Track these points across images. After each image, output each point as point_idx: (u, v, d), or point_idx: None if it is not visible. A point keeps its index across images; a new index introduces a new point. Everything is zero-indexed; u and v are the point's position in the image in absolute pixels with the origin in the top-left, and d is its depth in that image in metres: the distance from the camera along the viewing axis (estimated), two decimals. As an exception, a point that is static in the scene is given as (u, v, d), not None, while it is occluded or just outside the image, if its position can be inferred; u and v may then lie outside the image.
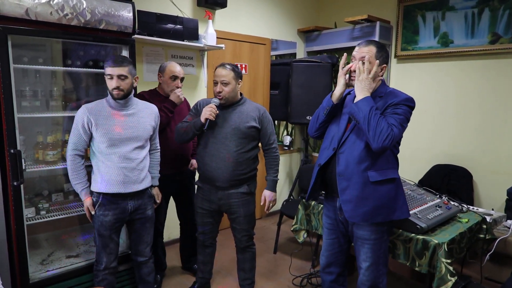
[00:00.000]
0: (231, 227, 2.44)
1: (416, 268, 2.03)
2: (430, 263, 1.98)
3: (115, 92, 2.02)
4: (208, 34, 3.24)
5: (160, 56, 3.21)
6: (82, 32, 2.17)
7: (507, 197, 3.03)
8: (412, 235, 2.04)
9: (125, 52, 2.36)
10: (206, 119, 2.17)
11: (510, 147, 3.21)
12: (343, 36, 4.01)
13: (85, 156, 2.12)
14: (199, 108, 2.33)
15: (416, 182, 3.08)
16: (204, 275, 2.57)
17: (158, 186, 2.36)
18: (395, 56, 3.86)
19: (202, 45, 3.23)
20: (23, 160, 2.03)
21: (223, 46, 3.35)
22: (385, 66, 1.85)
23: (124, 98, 2.07)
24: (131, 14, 2.30)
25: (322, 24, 4.44)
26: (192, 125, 2.24)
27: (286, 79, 4.15)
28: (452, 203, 2.42)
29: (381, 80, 1.88)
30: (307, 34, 4.42)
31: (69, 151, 2.05)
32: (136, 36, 2.55)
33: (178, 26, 3.03)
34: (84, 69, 2.42)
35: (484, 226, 2.33)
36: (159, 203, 2.39)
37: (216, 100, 2.23)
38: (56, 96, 2.41)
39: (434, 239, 1.98)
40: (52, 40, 2.35)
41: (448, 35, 3.47)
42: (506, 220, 2.69)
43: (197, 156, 2.36)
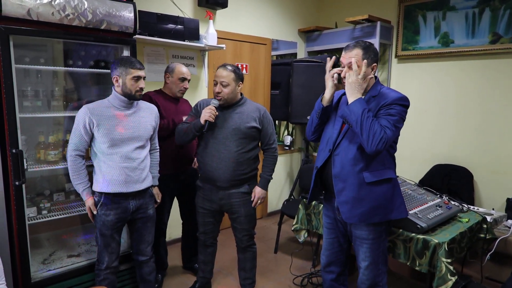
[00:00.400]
0: (232, 226, 2.44)
1: (416, 268, 2.04)
2: (431, 263, 1.98)
3: (138, 93, 2.10)
4: (209, 34, 3.25)
5: (161, 56, 3.22)
6: (83, 33, 2.18)
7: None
8: (413, 234, 2.05)
9: (126, 52, 2.36)
10: (206, 121, 2.18)
11: (510, 147, 3.21)
12: (344, 36, 4.01)
13: (86, 156, 2.13)
14: (199, 108, 2.33)
15: (417, 182, 3.08)
16: (205, 274, 2.58)
17: (162, 186, 2.37)
18: (396, 56, 3.86)
19: (203, 45, 3.23)
20: (24, 160, 2.03)
21: (223, 46, 3.36)
22: (375, 65, 1.83)
23: (141, 98, 2.16)
24: (132, 15, 2.31)
25: (323, 24, 4.45)
26: (192, 126, 2.24)
27: (287, 79, 4.15)
28: (453, 202, 2.42)
29: (374, 79, 1.87)
30: (307, 34, 4.42)
31: (70, 152, 2.05)
32: (137, 36, 2.55)
33: (179, 26, 3.03)
34: (86, 69, 2.43)
35: (485, 226, 2.33)
36: (160, 203, 2.39)
37: (215, 102, 2.23)
38: (57, 96, 2.42)
39: (435, 239, 1.98)
40: (54, 40, 2.36)
41: (449, 35, 3.48)
42: (507, 220, 2.69)
43: (197, 156, 2.36)
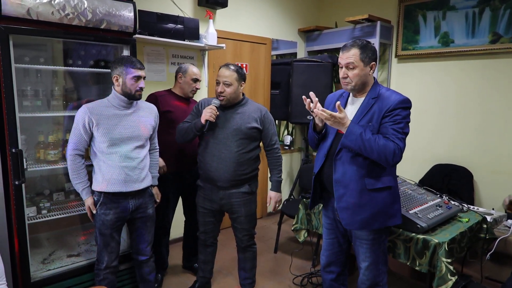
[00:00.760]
0: (232, 226, 2.44)
1: (416, 268, 2.04)
2: (431, 263, 1.98)
3: (138, 92, 2.09)
4: (209, 34, 3.25)
5: (161, 56, 3.22)
6: (83, 32, 2.17)
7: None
8: (413, 234, 2.05)
9: (126, 52, 2.36)
10: (206, 121, 2.17)
11: (510, 147, 3.21)
12: (344, 35, 4.01)
13: (85, 155, 2.12)
14: (200, 108, 2.32)
15: (417, 181, 3.08)
16: (205, 274, 2.57)
17: (167, 184, 2.36)
18: (396, 55, 3.86)
19: (203, 44, 3.23)
20: (24, 160, 2.03)
21: (224, 45, 3.36)
22: (374, 64, 1.82)
23: (141, 97, 2.15)
24: (132, 14, 2.31)
25: (323, 23, 4.44)
26: (192, 125, 2.24)
27: (287, 79, 4.15)
28: (453, 202, 2.42)
29: (373, 78, 1.87)
30: (307, 34, 4.42)
31: (69, 151, 2.05)
32: (137, 35, 2.55)
33: (179, 26, 3.03)
34: (85, 68, 2.42)
35: (485, 226, 2.33)
36: (164, 201, 2.39)
37: (216, 102, 2.22)
38: (57, 96, 2.42)
39: (435, 239, 1.98)
40: (53, 40, 2.36)
41: (449, 34, 3.47)
42: (507, 220, 2.69)
43: (198, 156, 2.36)
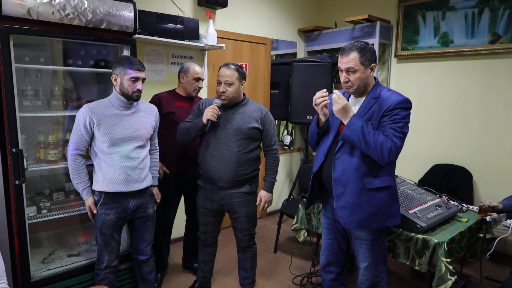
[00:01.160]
0: (232, 226, 2.44)
1: (416, 267, 2.04)
2: (430, 262, 1.99)
3: (136, 94, 2.08)
4: (208, 34, 3.25)
5: (161, 56, 3.22)
6: (83, 32, 2.18)
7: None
8: (412, 234, 2.05)
9: (126, 52, 2.36)
10: (208, 120, 2.18)
11: (510, 147, 3.22)
12: (344, 36, 4.01)
13: (86, 155, 2.13)
14: (201, 108, 2.33)
15: (416, 181, 3.08)
16: (205, 274, 2.58)
17: (169, 184, 2.36)
18: (395, 56, 3.86)
19: (202, 44, 3.23)
20: (24, 159, 2.03)
21: (223, 45, 3.36)
22: (374, 65, 1.82)
23: (139, 99, 2.14)
24: (132, 14, 2.31)
25: (323, 24, 4.45)
26: (194, 125, 2.24)
27: (287, 79, 4.15)
28: (452, 202, 2.43)
29: (373, 79, 1.87)
30: (307, 34, 4.42)
31: (70, 151, 2.06)
32: (137, 35, 2.55)
33: (179, 26, 3.03)
34: (85, 68, 2.43)
35: (484, 226, 2.34)
36: (166, 201, 2.39)
37: (218, 101, 2.22)
38: (57, 96, 2.42)
39: (434, 239, 1.99)
40: (54, 40, 2.36)
41: (448, 35, 3.48)
42: (506, 220, 2.69)
43: (199, 156, 2.36)
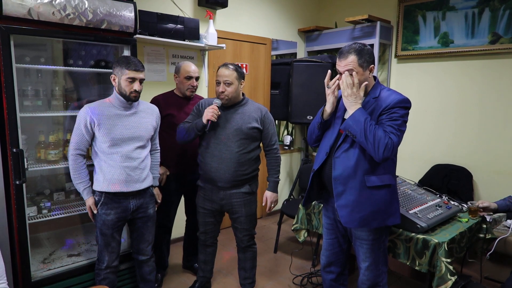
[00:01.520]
0: (232, 226, 2.44)
1: (416, 268, 2.04)
2: (430, 263, 1.99)
3: (133, 95, 2.06)
4: (209, 34, 3.25)
5: (161, 56, 3.22)
6: (84, 32, 2.18)
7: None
8: (413, 234, 2.05)
9: (126, 52, 2.37)
10: (208, 120, 2.18)
11: (510, 147, 3.22)
12: (344, 36, 4.02)
13: (86, 155, 2.13)
14: (201, 108, 2.33)
15: (416, 181, 3.08)
16: (205, 274, 2.58)
17: (170, 184, 2.35)
18: (396, 56, 3.86)
19: (203, 44, 3.23)
20: (25, 159, 2.04)
21: (224, 46, 3.36)
22: (373, 66, 1.82)
23: (137, 100, 2.12)
24: (132, 14, 2.31)
25: (323, 24, 4.45)
26: (194, 125, 2.24)
27: (287, 79, 4.15)
28: (452, 202, 2.43)
29: (373, 79, 1.87)
30: (307, 34, 4.43)
31: (71, 151, 2.06)
32: (137, 36, 2.55)
33: (179, 26, 3.03)
34: (86, 68, 2.43)
35: (484, 226, 2.34)
36: (167, 201, 2.39)
37: (218, 101, 2.22)
38: (57, 96, 2.42)
39: (434, 239, 1.99)
40: (54, 40, 2.36)
41: (449, 35, 3.48)
42: (506, 220, 2.70)
43: (199, 156, 2.36)
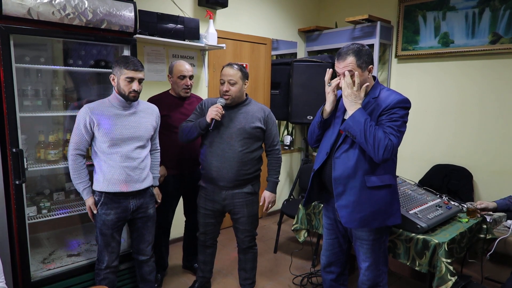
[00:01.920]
0: (233, 227, 2.44)
1: (416, 268, 2.04)
2: (431, 263, 1.99)
3: (132, 95, 2.05)
4: (209, 34, 3.25)
5: (161, 56, 3.22)
6: (83, 32, 2.18)
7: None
8: (413, 234, 2.05)
9: (126, 52, 2.36)
10: (212, 119, 2.17)
11: (510, 147, 3.22)
12: (344, 36, 4.01)
13: (86, 155, 2.13)
14: (204, 107, 2.33)
15: (417, 182, 3.08)
16: (205, 274, 2.57)
17: (168, 185, 2.35)
18: (396, 56, 3.86)
19: (203, 44, 3.23)
20: (25, 159, 2.03)
21: (224, 45, 3.36)
22: (371, 67, 1.82)
23: (137, 99, 2.11)
24: (132, 14, 2.31)
25: (323, 24, 4.45)
26: (197, 124, 2.24)
27: (287, 79, 4.15)
28: (453, 203, 2.43)
29: (373, 79, 1.87)
30: (307, 34, 4.42)
31: (70, 151, 2.06)
32: (137, 35, 2.55)
33: (179, 26, 3.03)
34: (86, 68, 2.42)
35: (484, 226, 2.34)
36: (165, 202, 2.39)
37: (222, 100, 2.22)
38: (57, 96, 2.42)
39: (435, 239, 1.99)
40: (54, 40, 2.36)
41: (449, 35, 3.48)
42: (506, 220, 2.69)
43: (201, 156, 2.36)
